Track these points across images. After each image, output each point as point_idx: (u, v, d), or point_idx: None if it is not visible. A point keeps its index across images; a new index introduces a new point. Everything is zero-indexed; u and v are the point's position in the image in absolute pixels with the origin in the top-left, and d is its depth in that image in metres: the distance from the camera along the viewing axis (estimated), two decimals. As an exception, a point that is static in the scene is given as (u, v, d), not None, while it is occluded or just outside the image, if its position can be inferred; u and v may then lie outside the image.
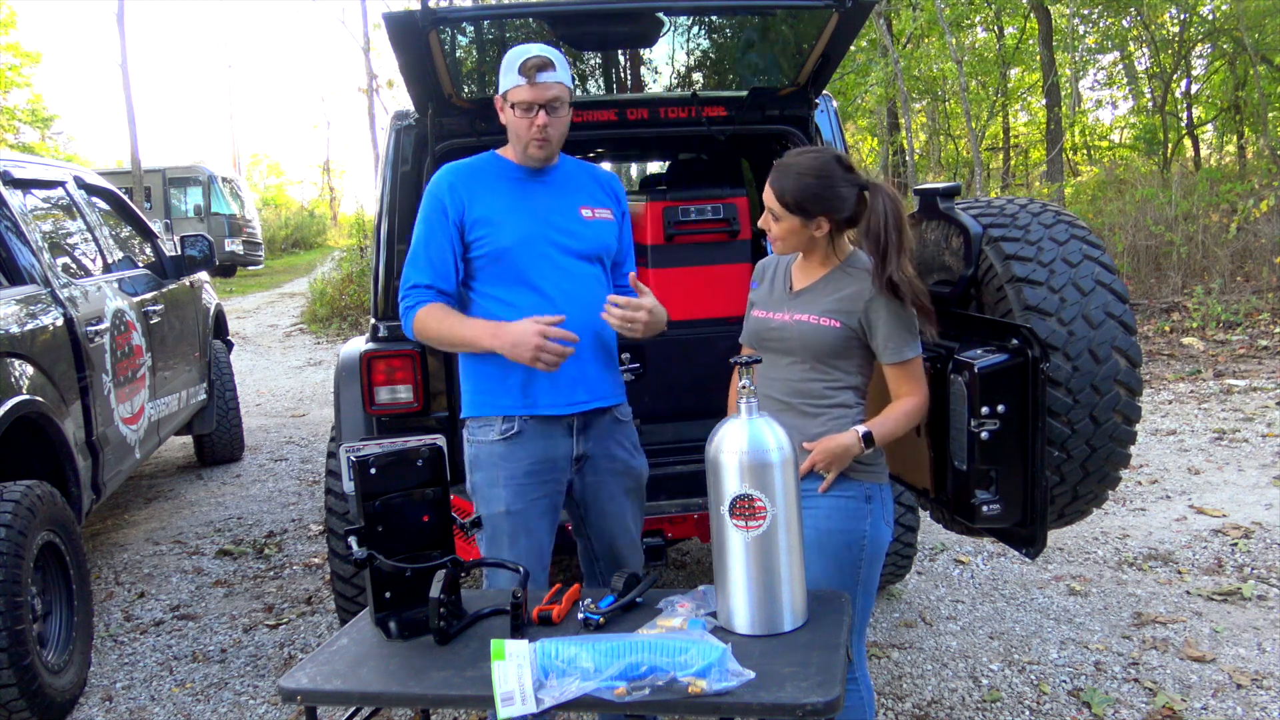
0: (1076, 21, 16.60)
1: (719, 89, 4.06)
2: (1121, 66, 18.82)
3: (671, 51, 4.02)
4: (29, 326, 3.78)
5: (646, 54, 4.20)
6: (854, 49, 13.29)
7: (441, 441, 2.82)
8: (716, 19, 3.58)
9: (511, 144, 2.49)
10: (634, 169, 10.59)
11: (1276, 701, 3.15)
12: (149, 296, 5.22)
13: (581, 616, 1.93)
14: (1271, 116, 14.07)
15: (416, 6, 2.73)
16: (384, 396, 3.26)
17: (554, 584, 2.12)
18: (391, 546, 1.98)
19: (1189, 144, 16.78)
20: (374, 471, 1.98)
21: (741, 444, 1.86)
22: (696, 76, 4.24)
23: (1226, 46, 15.09)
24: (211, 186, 19.76)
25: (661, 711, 1.70)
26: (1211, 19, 15.14)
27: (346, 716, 1.97)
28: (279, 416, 8.59)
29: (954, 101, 17.72)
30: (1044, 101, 16.01)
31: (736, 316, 2.58)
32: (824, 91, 3.70)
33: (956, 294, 2.57)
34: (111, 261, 5.08)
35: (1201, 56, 16.53)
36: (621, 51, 4.10)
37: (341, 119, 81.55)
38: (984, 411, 2.23)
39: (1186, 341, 8.79)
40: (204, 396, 6.24)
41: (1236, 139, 16.43)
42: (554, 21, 3.28)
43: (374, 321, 3.44)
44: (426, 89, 3.25)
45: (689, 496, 3.28)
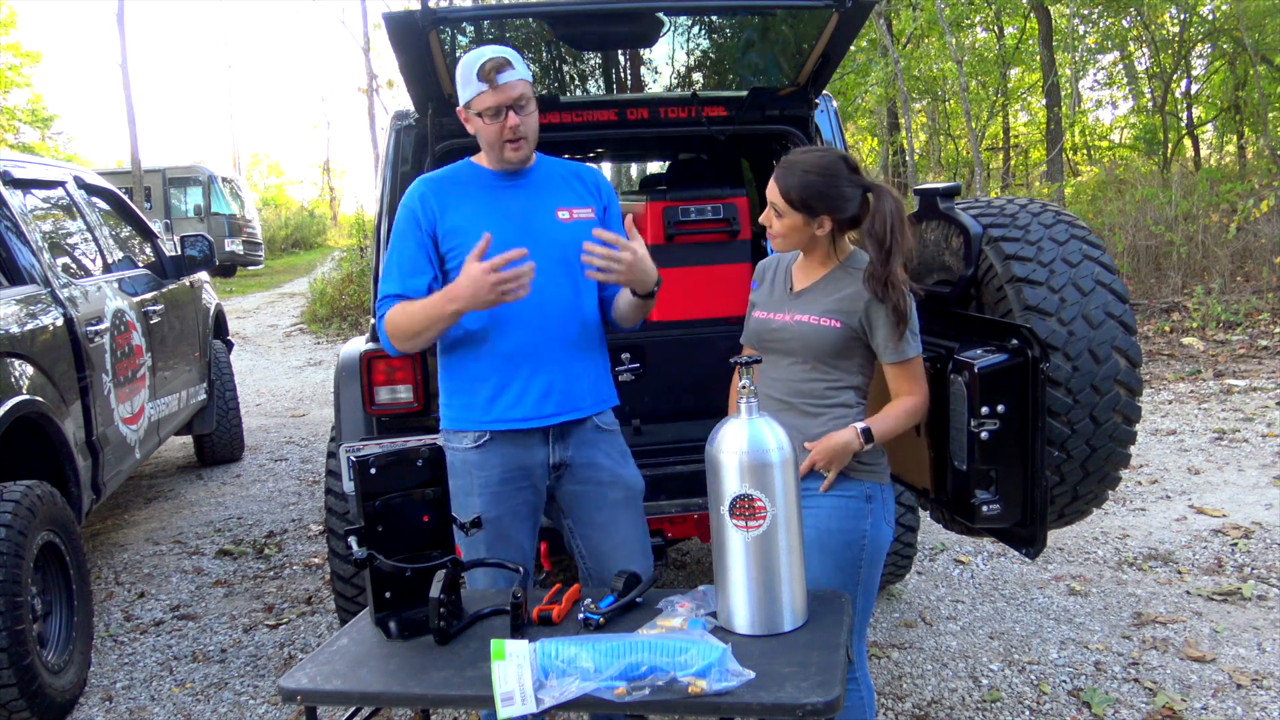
0: (1076, 21, 16.60)
1: (719, 89, 4.06)
2: (1121, 66, 18.83)
3: (671, 51, 4.01)
4: (29, 326, 3.78)
5: (646, 54, 4.20)
6: (854, 49, 13.29)
7: (441, 441, 2.82)
8: (716, 19, 3.58)
9: (485, 152, 2.42)
10: (634, 169, 10.60)
11: (1276, 701, 3.15)
12: (149, 296, 5.22)
13: (581, 616, 1.93)
14: (1271, 116, 14.07)
15: (416, 6, 2.74)
16: (384, 396, 3.26)
17: (554, 584, 2.12)
18: (391, 546, 1.98)
19: (1189, 144, 16.79)
20: (374, 471, 1.98)
21: (741, 444, 1.86)
22: (696, 76, 4.24)
23: (1226, 46, 15.09)
24: (211, 186, 19.75)
25: (661, 711, 1.70)
26: (1211, 19, 15.14)
27: (346, 716, 1.97)
28: (279, 416, 8.59)
29: (954, 101, 17.72)
30: (1044, 101, 16.01)
31: (737, 316, 2.58)
32: (824, 91, 3.70)
33: (956, 294, 2.57)
34: (111, 261, 5.08)
35: (1201, 56, 16.54)
36: (621, 51, 4.10)
37: (341, 119, 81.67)
38: (984, 411, 2.23)
39: (1186, 341, 8.79)
40: (204, 396, 6.25)
41: (1236, 139, 16.43)
42: (554, 21, 3.28)
43: (374, 321, 3.44)
44: (426, 89, 3.25)
45: (689, 496, 3.28)
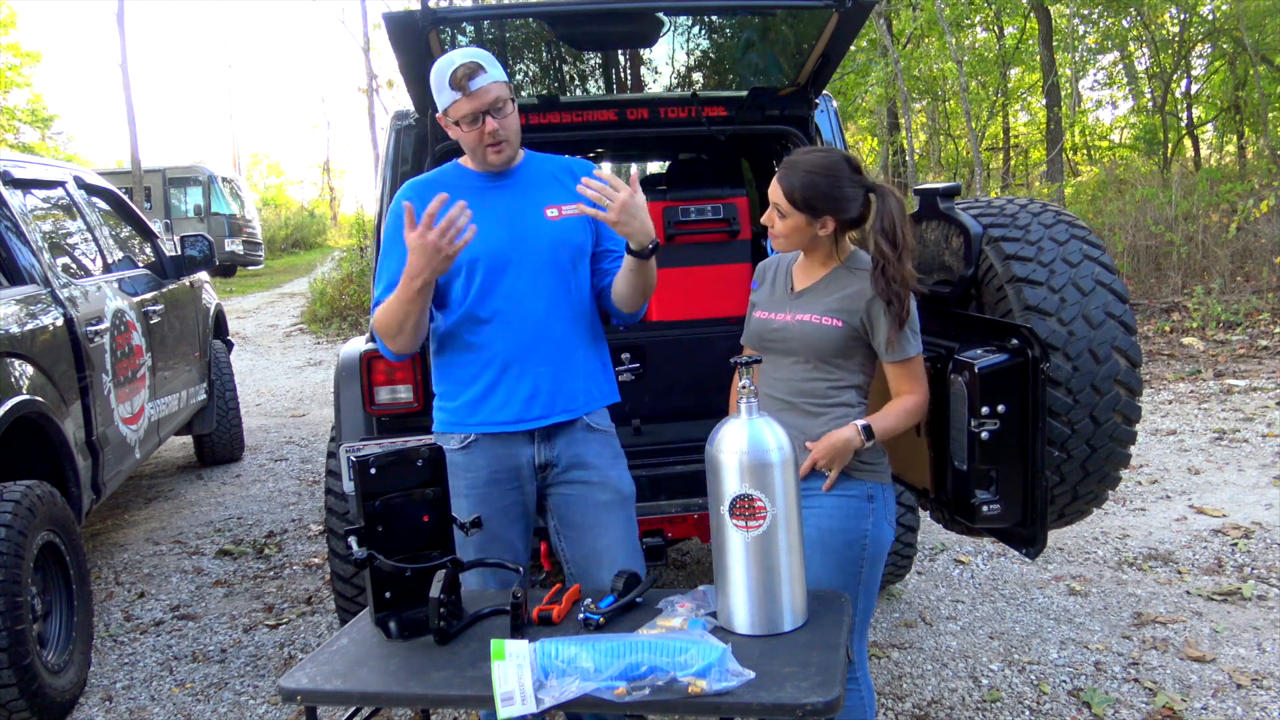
0: (1076, 21, 16.60)
1: (719, 89, 4.06)
2: (1121, 66, 18.83)
3: (671, 51, 4.01)
4: (29, 326, 3.78)
5: (646, 54, 4.19)
6: (854, 49, 13.29)
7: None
8: (716, 19, 3.58)
9: (468, 156, 2.42)
10: (634, 169, 10.59)
11: (1276, 701, 3.15)
12: (149, 296, 5.22)
13: (581, 617, 1.93)
14: (1271, 116, 14.06)
15: (416, 6, 2.74)
16: (384, 396, 3.26)
17: (554, 584, 2.12)
18: (391, 546, 1.98)
19: (1189, 144, 16.78)
20: (374, 471, 1.98)
21: (741, 444, 1.86)
22: (696, 76, 4.24)
23: (1226, 46, 15.09)
24: (211, 186, 19.75)
25: (661, 711, 1.70)
26: (1211, 19, 15.13)
27: (346, 716, 1.97)
28: (279, 416, 8.59)
29: (954, 101, 17.72)
30: (1044, 101, 16.01)
31: (737, 316, 2.57)
32: (824, 91, 3.70)
33: (956, 294, 2.57)
34: (111, 261, 5.08)
35: (1201, 56, 16.54)
36: (621, 51, 4.10)
37: (341, 119, 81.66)
38: (984, 411, 2.23)
39: (1186, 341, 8.79)
40: (204, 396, 6.24)
41: (1236, 139, 16.43)
42: (554, 21, 3.28)
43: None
44: (426, 89, 3.24)
45: (689, 496, 3.28)
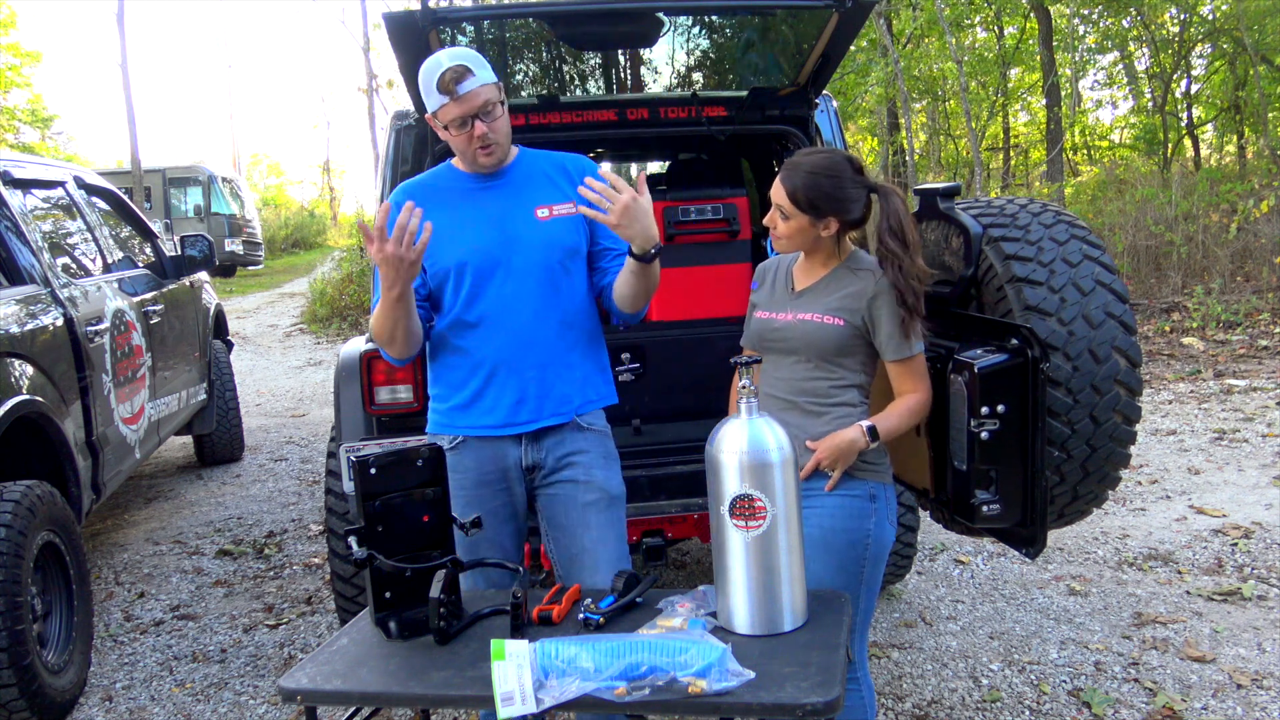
0: (1076, 21, 16.61)
1: (719, 89, 4.06)
2: (1121, 66, 18.83)
3: (671, 51, 4.01)
4: (29, 326, 3.78)
5: (646, 54, 4.19)
6: (854, 49, 13.29)
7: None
8: (716, 19, 3.58)
9: (459, 158, 2.40)
10: (634, 169, 10.59)
11: (1276, 701, 3.15)
12: (149, 296, 5.22)
13: (581, 617, 1.93)
14: (1271, 116, 14.07)
15: (416, 6, 2.74)
16: (384, 396, 3.26)
17: (554, 584, 2.12)
18: (391, 546, 1.98)
19: (1189, 144, 16.78)
20: (374, 471, 1.98)
21: (741, 444, 1.86)
22: (696, 76, 4.24)
23: (1226, 46, 15.09)
24: (211, 186, 19.75)
25: (661, 711, 1.70)
26: (1211, 19, 15.13)
27: (346, 716, 1.97)
28: (279, 416, 8.59)
29: (954, 101, 17.72)
30: (1044, 101, 16.01)
31: (737, 316, 2.57)
32: (824, 91, 3.70)
33: (956, 294, 2.57)
34: (111, 261, 5.08)
35: (1201, 56, 16.53)
36: (621, 51, 4.10)
37: (341, 119, 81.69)
38: (984, 411, 2.23)
39: (1186, 341, 8.79)
40: (204, 396, 6.24)
41: (1236, 139, 16.43)
42: (554, 21, 3.28)
43: None
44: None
45: (689, 496, 3.28)
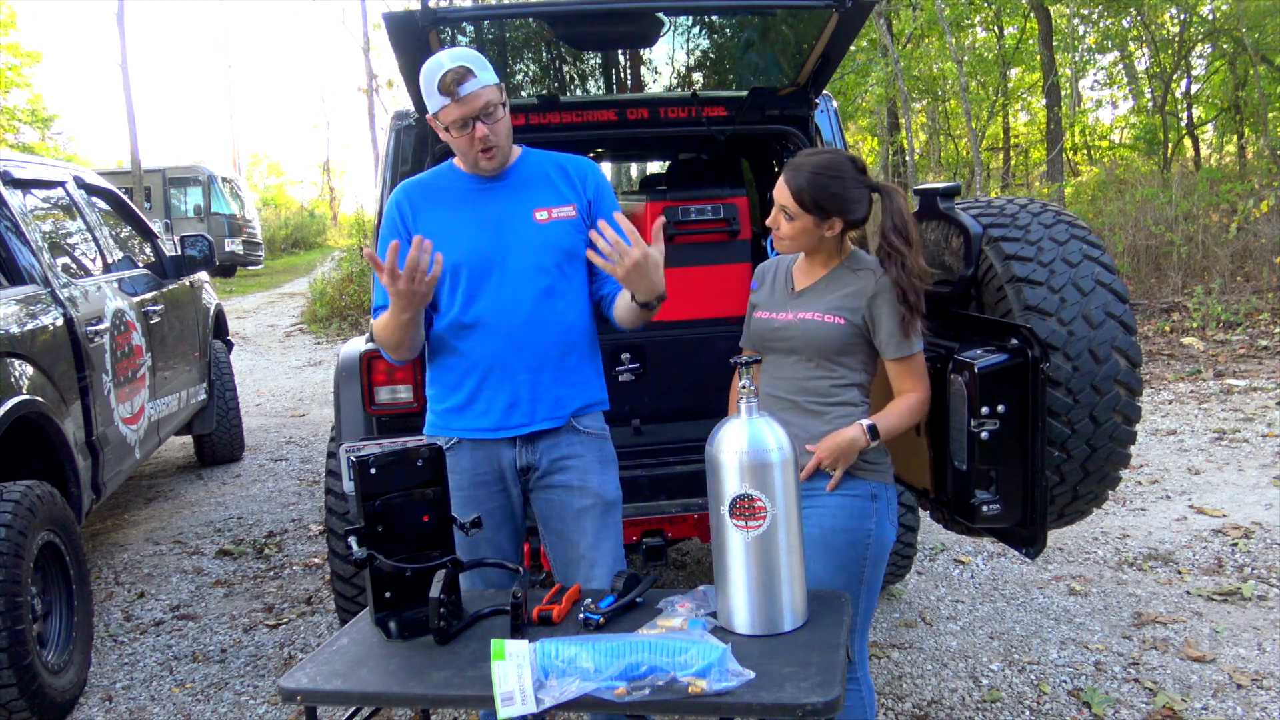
0: (1076, 21, 16.61)
1: (719, 89, 4.06)
2: (1121, 66, 18.83)
3: (671, 51, 4.01)
4: (29, 326, 3.78)
5: (646, 54, 4.19)
6: (854, 49, 13.29)
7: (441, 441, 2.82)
8: (716, 19, 3.58)
9: (460, 159, 2.39)
10: (634, 169, 10.59)
11: (1276, 701, 3.15)
12: (149, 296, 5.22)
13: (581, 617, 1.93)
14: (1271, 116, 14.07)
15: (416, 6, 2.74)
16: (384, 396, 3.26)
17: (554, 584, 2.12)
18: (391, 546, 1.98)
19: (1189, 144, 16.78)
20: (374, 471, 1.98)
21: (741, 444, 1.86)
22: (696, 76, 4.24)
23: (1226, 46, 15.08)
24: (211, 186, 19.75)
25: (661, 711, 1.70)
26: (1211, 19, 15.13)
27: (346, 716, 1.97)
28: (279, 416, 8.58)
29: (954, 101, 17.72)
30: (1044, 101, 16.01)
31: (737, 316, 2.57)
32: (824, 91, 3.70)
33: (956, 294, 2.57)
34: (111, 261, 5.08)
35: (1201, 56, 16.53)
36: (621, 51, 4.10)
37: (341, 119, 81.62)
38: (984, 411, 2.23)
39: (1186, 341, 8.79)
40: (204, 396, 6.24)
41: (1236, 139, 16.43)
42: (554, 21, 3.28)
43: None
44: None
45: (689, 496, 3.28)
